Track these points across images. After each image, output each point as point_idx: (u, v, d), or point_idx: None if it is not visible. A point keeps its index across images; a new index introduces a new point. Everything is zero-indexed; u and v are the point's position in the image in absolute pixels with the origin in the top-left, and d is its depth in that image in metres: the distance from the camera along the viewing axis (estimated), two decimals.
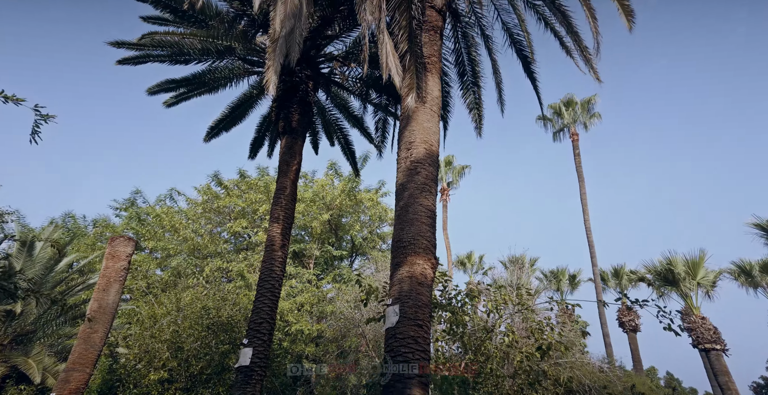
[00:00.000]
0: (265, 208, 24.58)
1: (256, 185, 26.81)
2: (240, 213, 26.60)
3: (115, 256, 10.17)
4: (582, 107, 31.17)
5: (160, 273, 24.02)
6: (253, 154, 14.39)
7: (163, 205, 28.80)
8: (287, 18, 8.17)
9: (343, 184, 25.69)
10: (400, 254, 7.25)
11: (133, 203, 29.50)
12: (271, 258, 9.61)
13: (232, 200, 25.68)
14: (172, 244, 23.72)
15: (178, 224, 24.67)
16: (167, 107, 13.26)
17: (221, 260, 22.67)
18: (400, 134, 8.44)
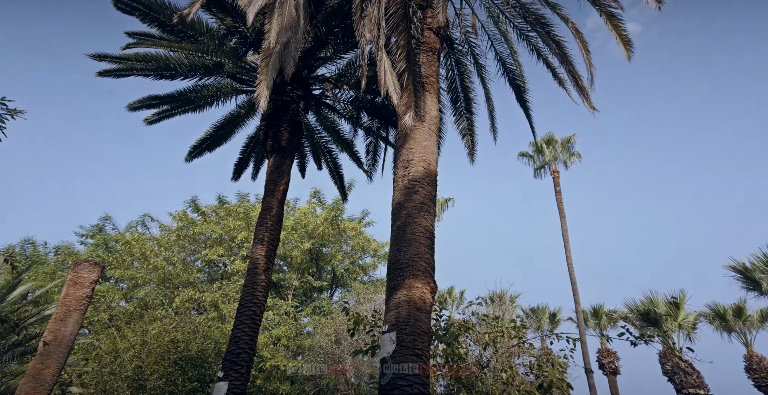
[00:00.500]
0: (243, 235, 23.71)
1: (235, 212, 25.96)
2: (217, 241, 25.61)
3: (77, 282, 9.32)
4: (562, 145, 31.74)
5: (125, 305, 22.44)
6: (236, 175, 13.83)
7: (134, 232, 27.53)
8: (283, 30, 7.91)
9: (327, 212, 25.11)
10: (397, 277, 6.74)
11: (101, 229, 28.09)
12: (254, 282, 8.92)
13: (210, 226, 24.72)
14: (141, 273, 22.45)
15: (149, 252, 23.44)
16: (148, 125, 12.72)
17: (194, 291, 21.50)
18: (397, 152, 8.10)
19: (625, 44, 8.62)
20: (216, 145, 13.29)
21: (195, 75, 11.11)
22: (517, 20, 10.86)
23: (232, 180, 13.85)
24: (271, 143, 10.68)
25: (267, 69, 8.79)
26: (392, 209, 7.60)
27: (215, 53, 10.18)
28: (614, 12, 8.73)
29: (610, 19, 8.72)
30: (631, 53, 8.52)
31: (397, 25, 8.47)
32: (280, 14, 7.95)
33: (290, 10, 7.98)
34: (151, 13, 10.31)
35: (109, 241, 26.24)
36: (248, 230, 24.82)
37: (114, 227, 28.45)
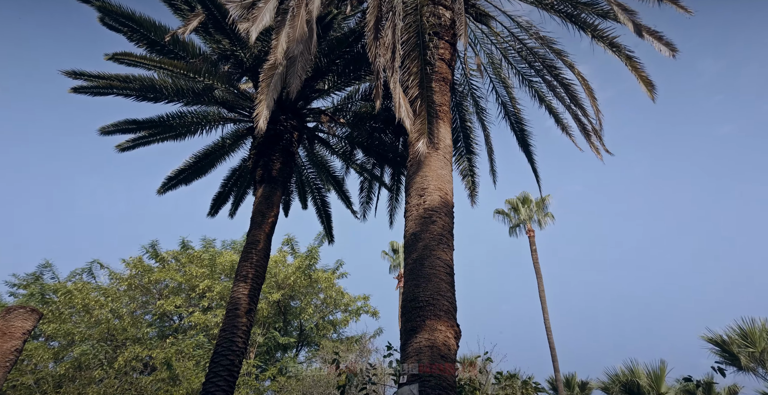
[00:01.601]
0: (206, 284, 21.80)
1: (198, 258, 24.05)
2: (175, 290, 23.42)
3: (6, 333, 7.68)
4: (537, 205, 32.02)
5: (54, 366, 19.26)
6: (213, 211, 12.69)
7: (78, 280, 24.51)
8: (294, 42, 7.34)
9: (300, 260, 23.67)
10: (416, 317, 5.78)
11: (38, 278, 24.73)
12: (233, 326, 7.66)
13: (169, 274, 22.62)
14: (81, 328, 19.62)
15: (92, 303, 20.50)
16: (120, 151, 11.67)
17: (141, 348, 18.95)
18: (409, 180, 7.41)
19: (646, 85, 8.48)
20: (194, 177, 12.26)
21: (181, 99, 10.32)
22: (520, 65, 10.78)
23: (208, 216, 12.70)
24: (261, 172, 9.81)
25: (268, 89, 8.15)
26: (406, 241, 6.77)
27: (208, 75, 9.49)
28: (632, 55, 8.66)
29: (629, 61, 8.63)
30: (655, 95, 8.38)
31: (410, 52, 8.11)
32: (291, 27, 7.41)
33: (302, 24, 7.47)
34: (140, 31, 9.65)
35: (46, 291, 23.10)
36: (212, 279, 22.96)
37: (54, 275, 25.13)
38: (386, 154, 11.45)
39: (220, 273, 24.48)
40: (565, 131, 10.66)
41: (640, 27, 8.29)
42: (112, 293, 21.91)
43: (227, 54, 10.07)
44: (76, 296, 20.52)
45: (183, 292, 22.95)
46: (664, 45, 8.26)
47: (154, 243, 24.53)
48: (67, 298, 20.85)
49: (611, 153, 9.32)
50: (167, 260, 24.12)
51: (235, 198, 12.93)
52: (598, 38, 8.80)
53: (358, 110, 11.39)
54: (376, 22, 7.76)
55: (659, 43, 8.26)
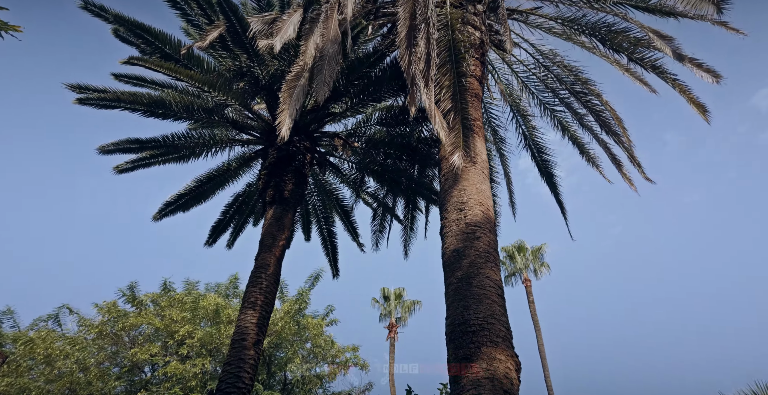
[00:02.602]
0: (187, 329, 20.06)
1: (180, 302, 22.27)
2: (151, 337, 21.48)
3: None
4: (533, 254, 31.44)
5: None
6: (212, 240, 11.77)
7: (43, 328, 22.18)
8: (329, 43, 6.91)
9: (289, 305, 22.21)
10: (469, 344, 4.94)
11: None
12: (239, 359, 6.64)
13: (146, 318, 20.80)
14: (39, 382, 17.51)
15: (56, 354, 18.40)
16: (118, 173, 10.90)
17: None
18: (445, 194, 6.79)
19: (698, 108, 8.20)
20: (194, 203, 11.45)
21: (191, 117, 9.76)
22: (543, 94, 10.58)
23: (206, 245, 11.76)
24: (272, 192, 9.11)
25: (291, 99, 7.69)
26: (445, 259, 6.03)
27: (222, 91, 8.99)
28: (680, 81, 8.42)
29: (678, 86, 8.39)
30: (709, 117, 8.09)
31: (442, 65, 7.75)
32: (325, 27, 7.02)
33: (334, 26, 7.10)
34: (155, 43, 9.24)
35: (4, 342, 20.83)
36: (194, 324, 21.24)
37: (15, 323, 22.82)
38: (400, 181, 10.88)
39: (202, 318, 22.82)
40: (591, 162, 10.29)
41: (681, 55, 8.11)
42: (79, 342, 19.71)
43: (243, 71, 9.65)
44: (38, 345, 18.27)
45: (160, 339, 21.10)
46: (705, 71, 8.06)
47: (132, 285, 22.85)
48: (27, 348, 18.52)
49: (652, 181, 8.90)
50: (145, 303, 22.37)
51: (235, 228, 12.09)
52: (636, 61, 8.57)
53: (372, 135, 10.93)
54: (409, 32, 7.46)
55: (699, 69, 8.08)
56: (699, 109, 8.16)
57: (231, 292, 25.94)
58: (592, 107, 9.49)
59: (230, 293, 25.86)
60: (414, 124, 10.95)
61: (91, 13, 9.89)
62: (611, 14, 9.18)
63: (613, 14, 9.17)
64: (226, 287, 26.16)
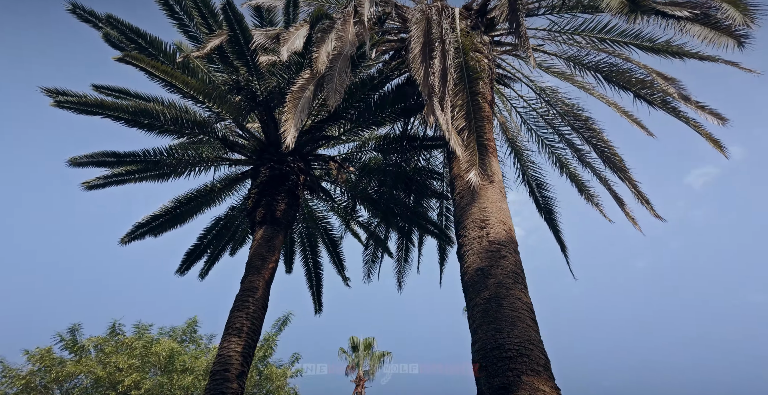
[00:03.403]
0: (134, 378, 17.98)
1: (129, 347, 20.08)
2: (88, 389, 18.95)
3: None
4: None
5: None
6: (185, 267, 10.74)
7: None
8: (348, 45, 6.58)
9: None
10: (506, 371, 4.31)
11: None
12: (221, 393, 5.66)
13: (86, 366, 18.43)
14: None
15: None
16: (87, 189, 9.99)
17: None
18: (462, 211, 6.32)
19: (714, 144, 8.15)
20: (169, 226, 10.52)
21: (179, 130, 9.14)
22: (542, 130, 10.52)
23: (177, 273, 10.70)
24: (262, 212, 8.39)
25: (295, 109, 7.25)
26: (467, 278, 5.46)
27: (218, 102, 8.47)
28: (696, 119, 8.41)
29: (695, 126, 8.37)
30: (727, 154, 8.04)
31: (455, 85, 7.53)
32: (343, 30, 6.71)
33: (351, 31, 6.82)
34: (148, 50, 8.74)
35: None
36: (143, 372, 19.12)
37: None
38: (395, 210, 10.35)
39: (153, 365, 20.67)
40: (590, 201, 10.11)
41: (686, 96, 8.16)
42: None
43: (240, 85, 9.19)
44: None
45: (100, 391, 18.69)
46: (709, 113, 8.11)
47: (74, 328, 20.44)
48: None
49: (663, 219, 8.69)
50: (87, 349, 19.95)
51: (211, 256, 11.14)
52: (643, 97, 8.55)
53: (367, 161, 10.51)
54: (423, 47, 7.26)
55: (703, 111, 8.12)
56: (715, 145, 8.13)
57: (188, 337, 23.76)
58: (596, 143, 9.40)
59: (186, 338, 23.68)
60: (411, 152, 10.64)
61: (79, 18, 9.39)
62: (613, 55, 9.34)
63: (614, 55, 9.34)
64: (183, 331, 23.85)
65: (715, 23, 6.67)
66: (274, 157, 9.31)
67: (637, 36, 8.60)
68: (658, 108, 8.35)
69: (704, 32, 6.74)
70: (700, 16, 6.79)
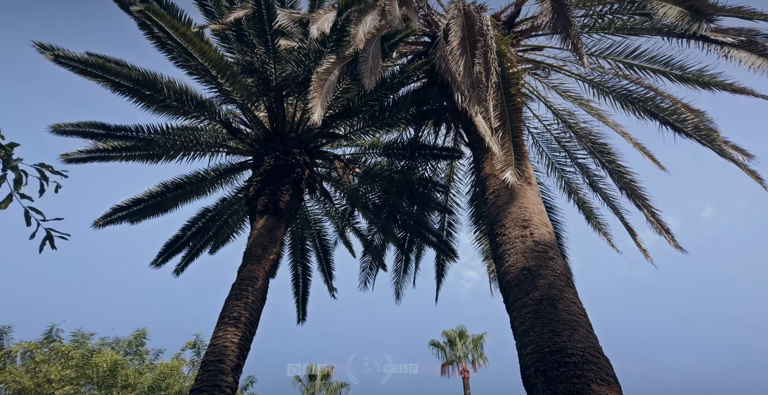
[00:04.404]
0: (66, 392, 16.06)
1: (65, 356, 18.04)
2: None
3: None
4: (473, 342, 30.01)
5: None
6: (162, 259, 9.74)
7: None
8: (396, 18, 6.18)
9: None
10: (572, 378, 3.75)
11: None
12: (214, 385, 4.89)
13: (12, 375, 16.45)
14: None
15: None
16: (67, 162, 9.04)
17: None
18: (499, 210, 5.84)
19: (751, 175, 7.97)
20: (150, 213, 9.57)
21: (180, 108, 8.43)
22: (553, 153, 10.27)
23: (152, 265, 9.67)
24: (265, 201, 7.68)
25: (321, 90, 6.83)
26: (510, 277, 4.93)
27: (231, 80, 7.87)
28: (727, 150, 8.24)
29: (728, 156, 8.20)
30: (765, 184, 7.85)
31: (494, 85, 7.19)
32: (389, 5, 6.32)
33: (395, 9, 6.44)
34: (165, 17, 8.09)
35: None
36: (77, 386, 17.16)
37: None
38: (397, 218, 9.76)
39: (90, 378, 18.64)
40: (598, 230, 9.81)
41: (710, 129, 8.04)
42: None
43: (254, 67, 8.61)
44: None
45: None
46: (732, 148, 8.00)
47: (2, 330, 18.46)
48: None
49: (684, 250, 8.39)
50: (13, 356, 17.86)
51: (190, 251, 10.18)
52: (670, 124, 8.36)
53: (372, 166, 9.97)
54: (462, 41, 6.95)
55: (726, 146, 7.99)
56: (753, 176, 7.98)
57: (133, 350, 21.67)
58: (615, 168, 9.17)
59: (131, 351, 21.59)
60: (419, 159, 10.18)
61: None
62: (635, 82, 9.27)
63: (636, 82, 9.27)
64: (129, 343, 21.70)
65: (762, 50, 6.60)
66: (280, 147, 8.68)
67: (667, 63, 8.53)
68: (687, 136, 8.18)
69: (751, 59, 6.64)
70: (746, 43, 6.72)
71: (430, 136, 10.74)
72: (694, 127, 7.96)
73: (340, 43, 8.29)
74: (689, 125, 8.01)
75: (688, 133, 8.06)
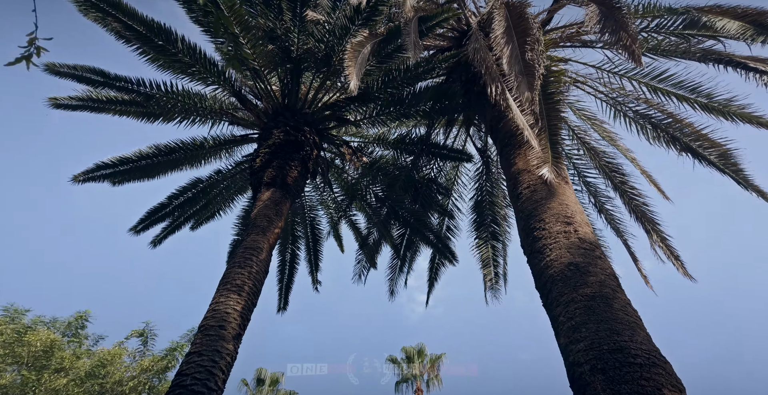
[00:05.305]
0: None
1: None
2: None
3: None
4: (431, 361, 29.43)
5: None
6: (142, 226, 8.96)
7: None
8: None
9: (151, 361, 17.40)
10: (638, 380, 3.46)
11: None
12: (215, 351, 4.37)
13: None
14: None
15: None
16: (53, 107, 8.26)
17: None
18: (536, 204, 5.54)
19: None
20: (136, 176, 8.83)
21: (191, 66, 7.86)
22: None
23: (131, 231, 8.86)
24: (273, 173, 7.14)
25: (355, 60, 6.39)
26: (554, 271, 4.60)
27: (252, 42, 7.36)
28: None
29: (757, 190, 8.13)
30: None
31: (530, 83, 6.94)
32: None
33: None
34: None
35: None
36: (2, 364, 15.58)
37: None
38: (399, 213, 9.32)
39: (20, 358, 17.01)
40: None
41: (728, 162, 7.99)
42: None
43: (275, 34, 8.11)
44: None
45: None
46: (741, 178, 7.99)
47: None
48: None
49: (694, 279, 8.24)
50: None
51: (171, 223, 9.43)
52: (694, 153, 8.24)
53: (377, 158, 9.54)
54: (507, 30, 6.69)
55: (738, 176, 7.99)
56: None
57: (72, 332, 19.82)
58: (627, 190, 9.03)
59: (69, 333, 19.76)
60: (429, 157, 9.83)
61: None
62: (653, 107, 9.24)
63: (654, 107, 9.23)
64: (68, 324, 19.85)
65: None
66: (291, 122, 8.16)
67: (694, 90, 8.49)
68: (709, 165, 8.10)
69: None
70: None
71: (439, 136, 10.44)
72: (720, 155, 7.89)
73: (368, 21, 7.93)
74: (713, 153, 7.94)
75: (712, 161, 7.99)
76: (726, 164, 7.89)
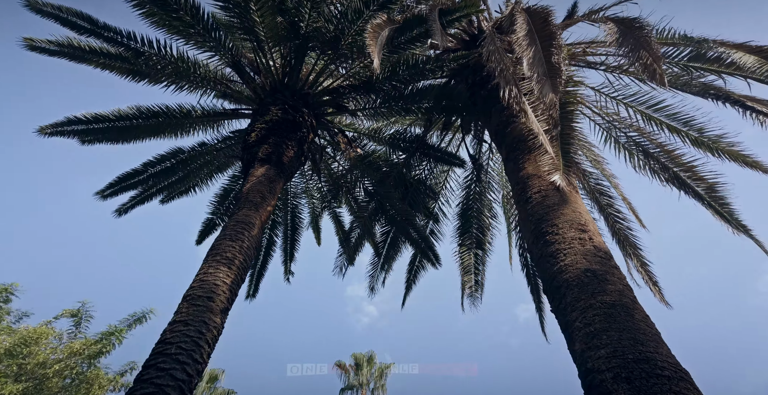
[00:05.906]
0: None
1: None
2: None
3: None
4: (379, 370, 28.92)
5: None
6: (111, 192, 8.24)
7: None
8: None
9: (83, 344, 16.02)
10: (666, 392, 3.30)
11: None
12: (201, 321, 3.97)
13: None
14: None
15: None
16: (29, 50, 7.54)
17: None
18: (548, 209, 5.39)
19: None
20: (111, 138, 8.16)
21: (191, 26, 7.34)
22: None
23: (97, 195, 8.12)
24: (268, 149, 6.71)
25: (376, 40, 6.15)
26: (569, 276, 4.44)
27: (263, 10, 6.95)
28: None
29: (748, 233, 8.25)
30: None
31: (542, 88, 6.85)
32: None
33: None
34: None
35: None
36: None
37: None
38: (386, 208, 9.02)
39: None
40: None
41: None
42: None
43: (286, 7, 7.71)
44: None
45: None
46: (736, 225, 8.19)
47: None
48: None
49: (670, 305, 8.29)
50: None
51: (143, 192, 8.75)
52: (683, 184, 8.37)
53: (369, 152, 9.24)
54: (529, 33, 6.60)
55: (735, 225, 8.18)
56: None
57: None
58: (612, 212, 9.09)
59: None
60: (420, 159, 9.62)
61: None
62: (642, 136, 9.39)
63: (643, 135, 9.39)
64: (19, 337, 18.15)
65: None
66: (290, 101, 7.76)
67: (687, 122, 8.66)
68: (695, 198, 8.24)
69: None
70: None
71: (434, 139, 10.27)
72: (708, 188, 8.04)
73: (383, 8, 7.70)
74: (702, 186, 8.09)
75: (698, 193, 8.13)
76: (713, 197, 8.05)
